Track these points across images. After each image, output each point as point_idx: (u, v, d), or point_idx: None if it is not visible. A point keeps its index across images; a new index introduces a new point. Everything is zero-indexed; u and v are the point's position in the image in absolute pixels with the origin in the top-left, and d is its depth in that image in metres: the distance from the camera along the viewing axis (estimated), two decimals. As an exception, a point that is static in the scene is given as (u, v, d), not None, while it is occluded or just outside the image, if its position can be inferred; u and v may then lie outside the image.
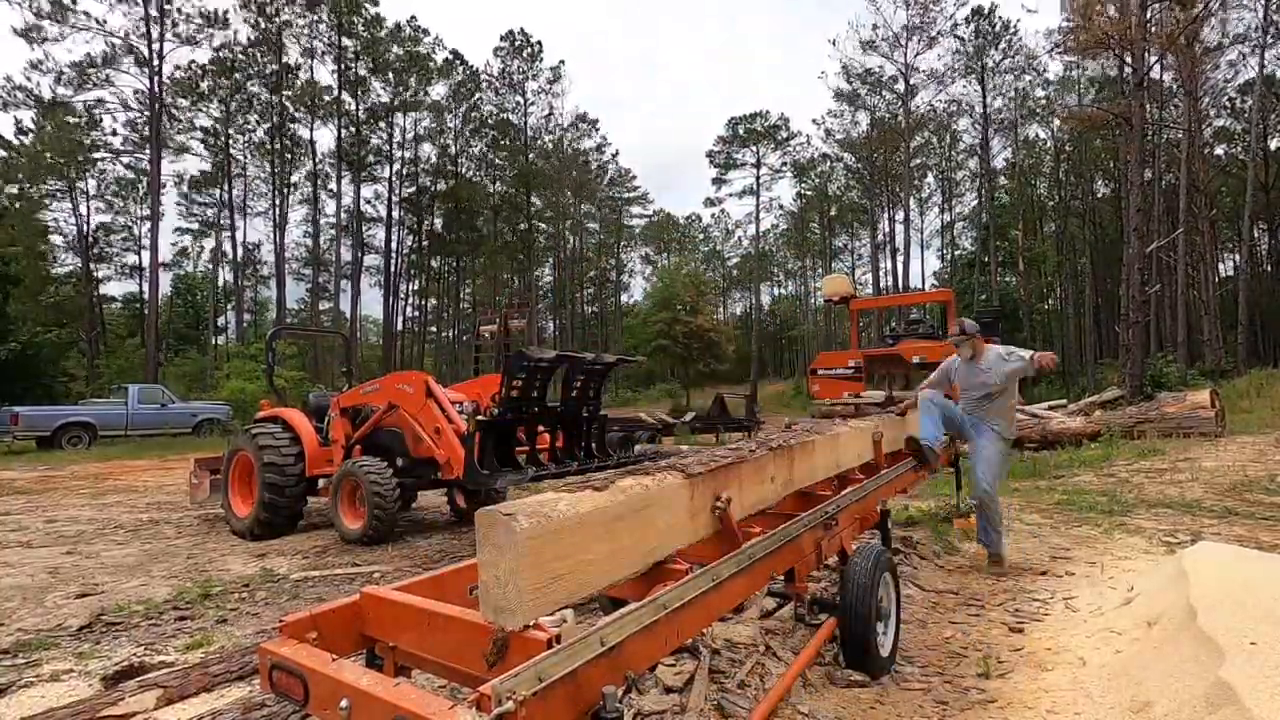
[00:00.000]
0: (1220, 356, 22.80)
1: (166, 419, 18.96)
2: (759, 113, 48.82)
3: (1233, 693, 2.00)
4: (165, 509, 8.11)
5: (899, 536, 4.92)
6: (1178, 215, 26.66)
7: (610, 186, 54.89)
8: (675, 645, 1.82)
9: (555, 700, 1.25)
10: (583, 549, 1.52)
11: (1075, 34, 22.38)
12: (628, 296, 61.61)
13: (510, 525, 1.34)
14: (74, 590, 4.61)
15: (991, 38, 37.87)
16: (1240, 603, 2.61)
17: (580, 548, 1.51)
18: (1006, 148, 41.78)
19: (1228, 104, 34.60)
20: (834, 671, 2.79)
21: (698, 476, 2.07)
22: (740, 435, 17.98)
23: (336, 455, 6.35)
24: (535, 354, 5.09)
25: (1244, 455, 8.66)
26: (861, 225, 50.68)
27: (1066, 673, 2.83)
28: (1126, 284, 18.71)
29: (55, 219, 36.21)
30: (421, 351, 47.97)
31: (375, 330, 54.38)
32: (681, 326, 33.11)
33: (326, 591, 4.48)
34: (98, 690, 2.88)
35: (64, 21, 29.02)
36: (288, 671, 1.58)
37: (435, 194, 42.47)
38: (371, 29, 37.24)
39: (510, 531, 1.34)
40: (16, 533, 6.76)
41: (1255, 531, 5.14)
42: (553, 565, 1.42)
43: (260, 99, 35.86)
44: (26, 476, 11.62)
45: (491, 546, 1.37)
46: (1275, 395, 15.07)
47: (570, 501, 1.53)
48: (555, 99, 44.94)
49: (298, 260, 44.74)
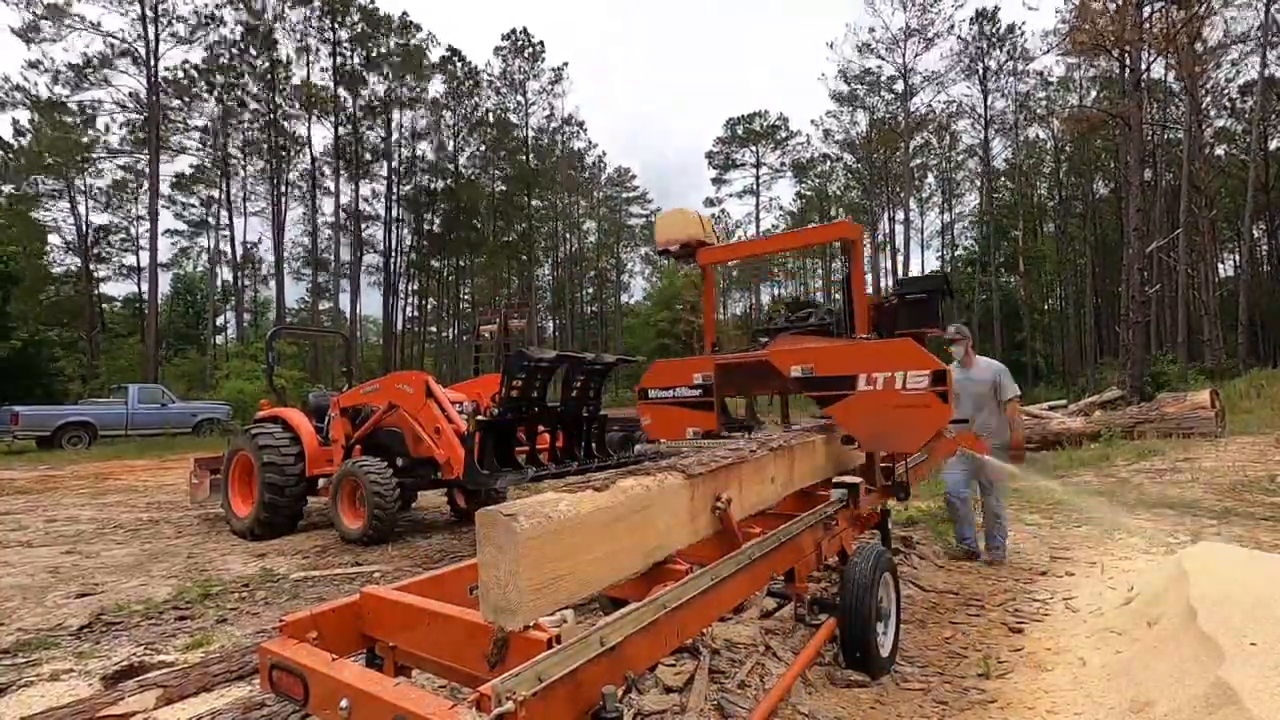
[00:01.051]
0: (1220, 356, 22.80)
1: (166, 419, 18.96)
2: (758, 113, 48.91)
3: (1233, 693, 2.00)
4: (165, 509, 8.11)
5: (899, 536, 4.92)
6: (1178, 215, 26.66)
7: (609, 186, 54.94)
8: (675, 645, 1.82)
9: (555, 700, 1.25)
10: (583, 549, 1.52)
11: (1073, 35, 22.40)
12: (628, 296, 61.67)
13: (511, 526, 1.34)
14: (74, 590, 4.61)
15: (996, 40, 37.87)
16: (1240, 603, 2.61)
17: (581, 548, 1.51)
18: (1007, 148, 41.83)
19: (1228, 104, 34.61)
20: (834, 671, 2.79)
21: (698, 477, 2.07)
22: (740, 435, 18.00)
23: (336, 455, 6.35)
24: (535, 354, 5.08)
25: (1244, 455, 8.66)
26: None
27: (1066, 673, 2.83)
28: (1126, 284, 18.72)
29: (54, 219, 36.26)
30: (421, 351, 47.96)
31: (375, 330, 54.34)
32: (683, 326, 33.11)
33: (327, 591, 4.48)
34: (98, 690, 2.88)
35: (60, 22, 29.02)
36: (288, 671, 1.58)
37: (434, 193, 42.45)
38: (366, 21, 37.18)
39: (511, 532, 1.33)
40: (17, 532, 6.76)
41: (1255, 531, 5.14)
42: (553, 565, 1.42)
43: (253, 95, 35.79)
44: (27, 476, 11.62)
45: (492, 547, 1.36)
46: (1275, 395, 15.07)
47: (571, 502, 1.53)
48: (556, 99, 45.05)
49: (297, 259, 44.76)
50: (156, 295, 31.00)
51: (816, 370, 3.30)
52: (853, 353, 3.24)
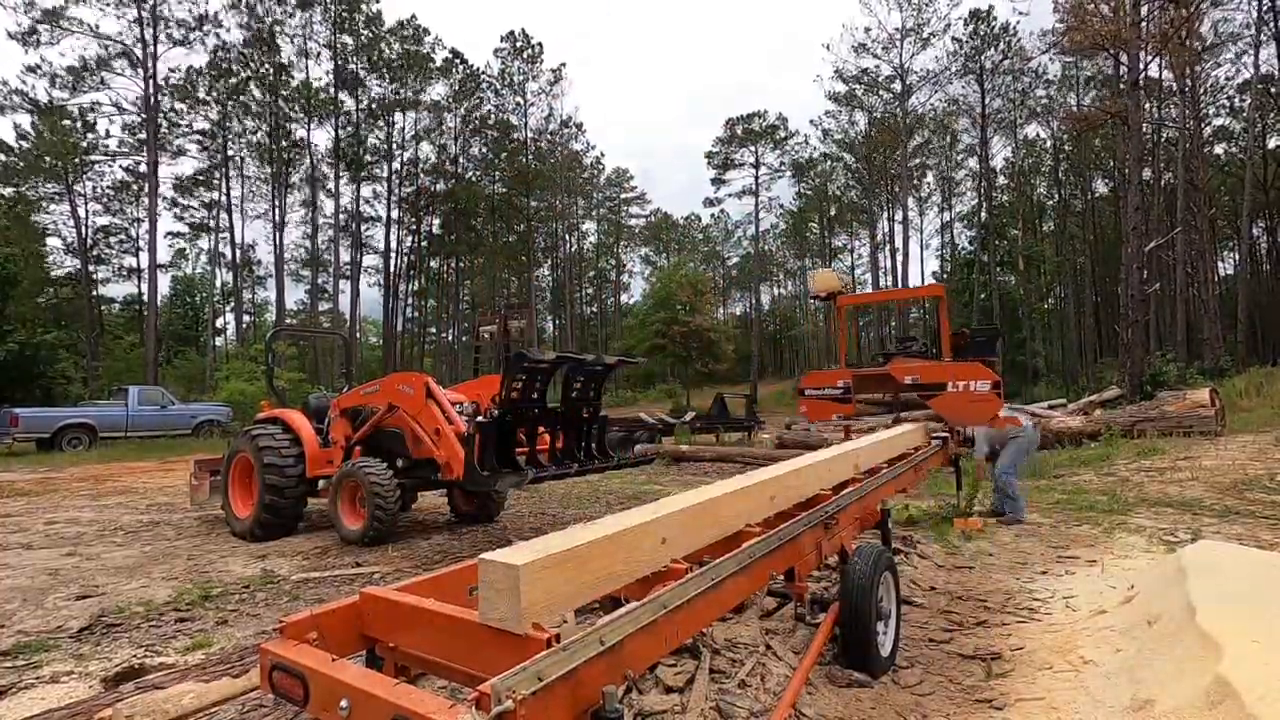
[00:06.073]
0: (1219, 355, 22.80)
1: (166, 420, 18.96)
2: (756, 113, 48.88)
3: (1233, 691, 2.00)
4: (165, 510, 8.11)
5: (899, 536, 4.92)
6: (1176, 214, 26.68)
7: (608, 187, 54.96)
8: (675, 645, 1.82)
9: (555, 700, 1.25)
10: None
11: (1069, 34, 22.41)
12: (628, 297, 61.73)
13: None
14: (74, 592, 4.61)
15: (990, 39, 37.89)
16: (1240, 601, 2.62)
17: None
18: (1006, 147, 41.86)
19: (1226, 103, 34.65)
20: (834, 671, 2.79)
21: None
22: (740, 435, 18.01)
23: (336, 456, 6.34)
24: (535, 355, 5.08)
25: (1244, 454, 8.67)
26: (861, 225, 50.72)
27: (1067, 672, 2.83)
28: (1126, 283, 18.73)
29: (54, 221, 36.25)
30: (421, 352, 47.96)
31: (375, 331, 54.35)
32: (680, 327, 33.06)
33: (327, 592, 4.48)
34: (97, 692, 2.88)
35: (56, 25, 29.01)
36: (288, 672, 1.58)
37: (434, 194, 42.45)
38: (372, 26, 37.24)
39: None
40: (17, 534, 6.75)
41: (1255, 530, 5.14)
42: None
43: (255, 99, 35.81)
44: (27, 478, 11.61)
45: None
46: (1275, 394, 15.07)
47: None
48: (555, 100, 45.04)
49: (296, 261, 44.76)
50: (156, 297, 31.01)
51: (921, 379, 5.48)
52: (945, 369, 5.39)
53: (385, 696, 1.32)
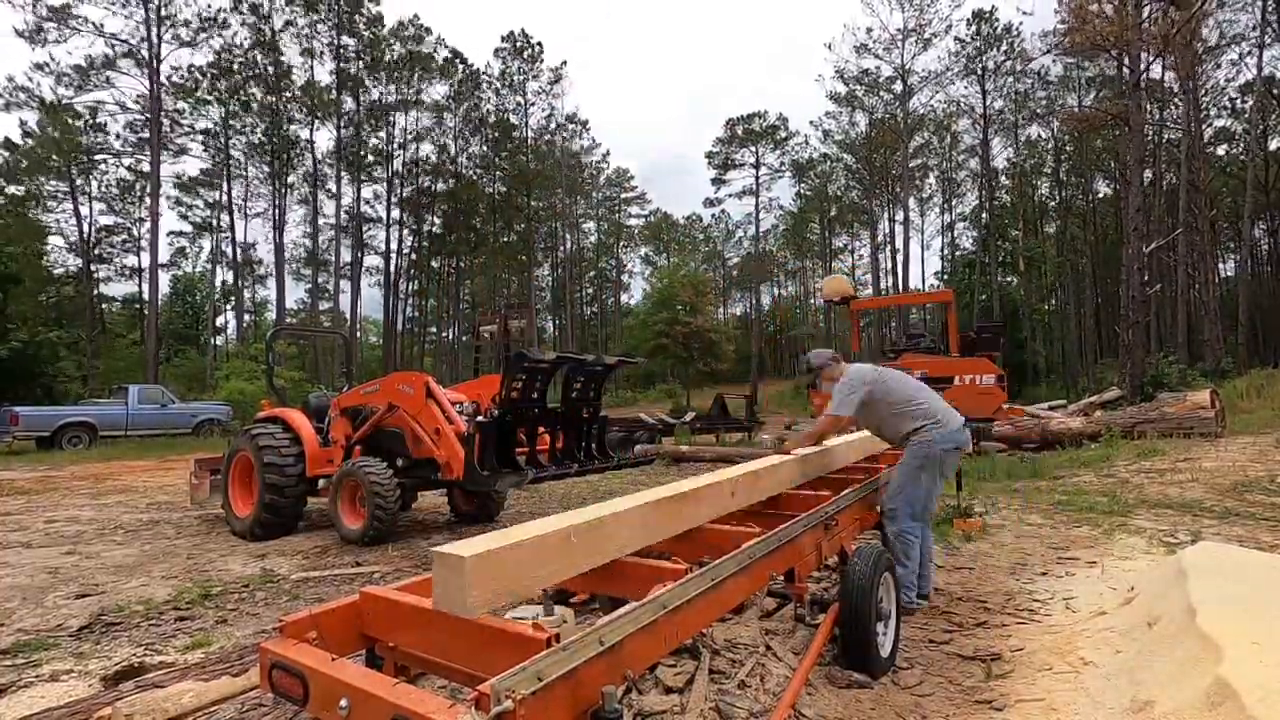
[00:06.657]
0: (1220, 356, 22.79)
1: (167, 419, 18.95)
2: (757, 113, 48.92)
3: (1233, 692, 2.00)
4: (165, 509, 8.11)
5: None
6: (1178, 215, 26.66)
7: (608, 186, 54.94)
8: (675, 645, 1.82)
9: (554, 700, 1.25)
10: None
11: (1071, 35, 22.40)
12: (628, 297, 61.71)
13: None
14: (74, 590, 4.61)
15: (993, 39, 37.88)
16: (1240, 602, 2.61)
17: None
18: (1007, 148, 41.82)
19: (1228, 104, 34.63)
20: (834, 672, 2.78)
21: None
22: (740, 436, 18.00)
23: (337, 456, 6.34)
24: (535, 355, 5.08)
25: (1244, 455, 8.66)
26: (861, 225, 50.71)
27: (1066, 673, 2.83)
28: (1126, 284, 18.71)
29: (57, 220, 36.27)
30: (421, 352, 47.95)
31: (375, 330, 54.38)
32: (681, 327, 33.06)
33: (326, 592, 4.48)
34: (97, 690, 2.88)
35: (63, 23, 29.05)
36: (288, 671, 1.58)
37: (434, 194, 42.46)
38: (373, 28, 37.26)
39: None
40: (16, 533, 6.76)
41: (1255, 531, 5.14)
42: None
43: (257, 99, 35.83)
44: (27, 477, 11.62)
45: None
46: (1275, 395, 15.06)
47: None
48: (556, 100, 45.05)
49: (297, 260, 44.76)
50: (157, 296, 31.01)
51: (930, 373, 5.81)
52: (953, 364, 6.08)
53: (385, 696, 1.32)
